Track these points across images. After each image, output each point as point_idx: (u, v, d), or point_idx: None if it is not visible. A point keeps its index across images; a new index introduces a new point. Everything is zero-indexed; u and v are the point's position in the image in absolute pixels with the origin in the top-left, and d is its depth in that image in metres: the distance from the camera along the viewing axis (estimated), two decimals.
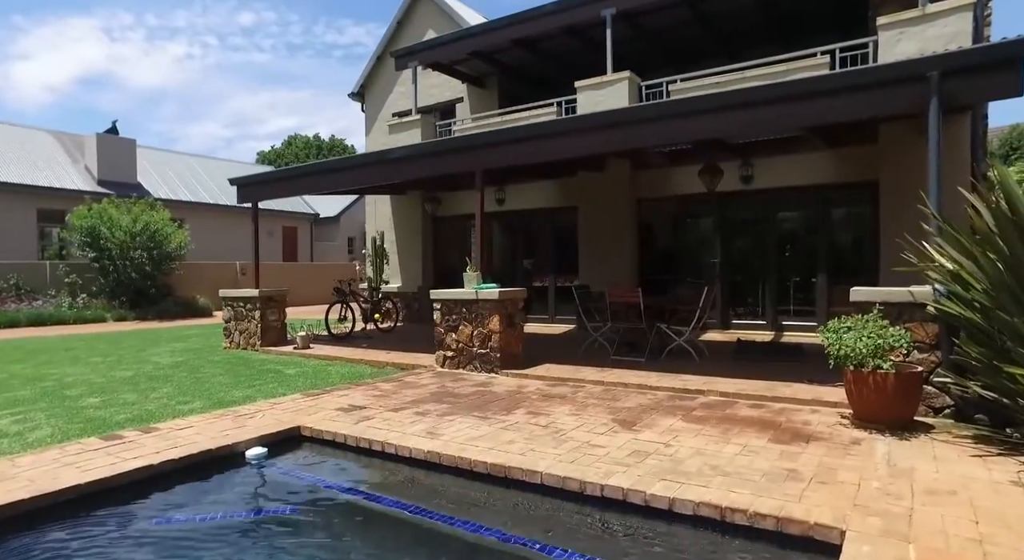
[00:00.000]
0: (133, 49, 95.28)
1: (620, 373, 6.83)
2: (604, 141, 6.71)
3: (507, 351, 7.31)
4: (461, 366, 7.54)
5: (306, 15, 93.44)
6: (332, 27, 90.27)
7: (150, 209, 18.90)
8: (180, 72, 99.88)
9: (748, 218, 10.44)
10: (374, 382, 6.86)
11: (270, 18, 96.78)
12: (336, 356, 8.77)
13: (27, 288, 17.89)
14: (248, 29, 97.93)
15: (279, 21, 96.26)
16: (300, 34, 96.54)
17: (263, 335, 9.88)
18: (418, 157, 8.20)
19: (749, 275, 10.33)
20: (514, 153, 7.43)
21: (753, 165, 9.66)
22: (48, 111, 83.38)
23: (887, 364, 4.28)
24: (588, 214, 11.13)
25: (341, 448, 4.61)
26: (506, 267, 12.95)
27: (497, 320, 7.21)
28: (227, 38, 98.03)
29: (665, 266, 10.94)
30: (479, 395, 6.04)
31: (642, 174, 10.75)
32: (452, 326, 7.63)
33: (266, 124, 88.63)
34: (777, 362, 7.28)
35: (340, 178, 9.12)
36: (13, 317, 15.33)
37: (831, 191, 9.31)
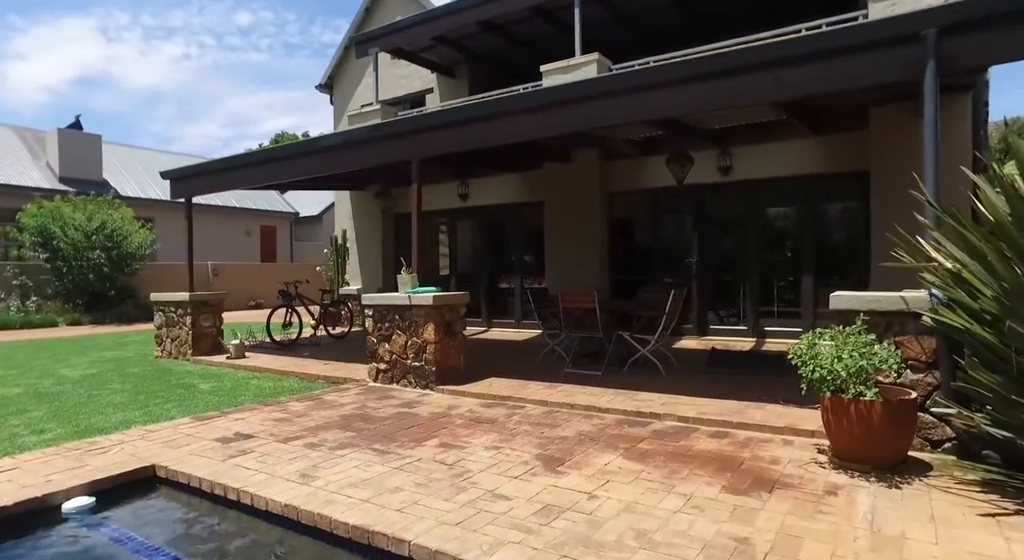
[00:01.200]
0: (129, 49, 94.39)
1: (570, 390, 5.93)
2: (549, 123, 5.80)
3: (444, 364, 6.41)
4: (395, 381, 6.63)
5: (303, 15, 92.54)
6: (329, 27, 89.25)
7: (108, 207, 17.96)
8: (177, 72, 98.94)
9: (727, 213, 9.55)
10: (287, 401, 5.95)
11: (267, 18, 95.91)
12: (267, 368, 7.86)
13: None
14: (245, 29, 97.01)
15: (276, 21, 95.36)
16: (297, 34, 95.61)
17: (195, 343, 8.96)
18: (352, 145, 7.29)
19: (729, 276, 9.43)
20: (452, 138, 6.52)
21: (732, 154, 8.76)
22: (44, 111, 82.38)
23: (871, 391, 3.38)
24: (554, 210, 10.23)
25: (197, 495, 3.70)
26: (471, 267, 12.04)
27: (432, 329, 6.30)
28: (224, 38, 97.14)
29: (640, 267, 10.04)
30: (397, 419, 5.13)
31: (612, 165, 9.84)
32: (385, 335, 6.72)
33: (264, 124, 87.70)
34: (753, 375, 6.39)
35: (271, 170, 8.20)
36: None
37: (818, 182, 8.42)
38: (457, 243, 12.16)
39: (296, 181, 10.70)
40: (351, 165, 7.45)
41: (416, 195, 6.79)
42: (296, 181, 10.70)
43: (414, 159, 6.76)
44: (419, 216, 6.84)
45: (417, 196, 6.79)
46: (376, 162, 7.24)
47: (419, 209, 6.83)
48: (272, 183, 9.17)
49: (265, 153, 8.02)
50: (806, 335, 3.83)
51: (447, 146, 6.60)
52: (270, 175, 8.27)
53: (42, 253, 17.02)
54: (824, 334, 3.77)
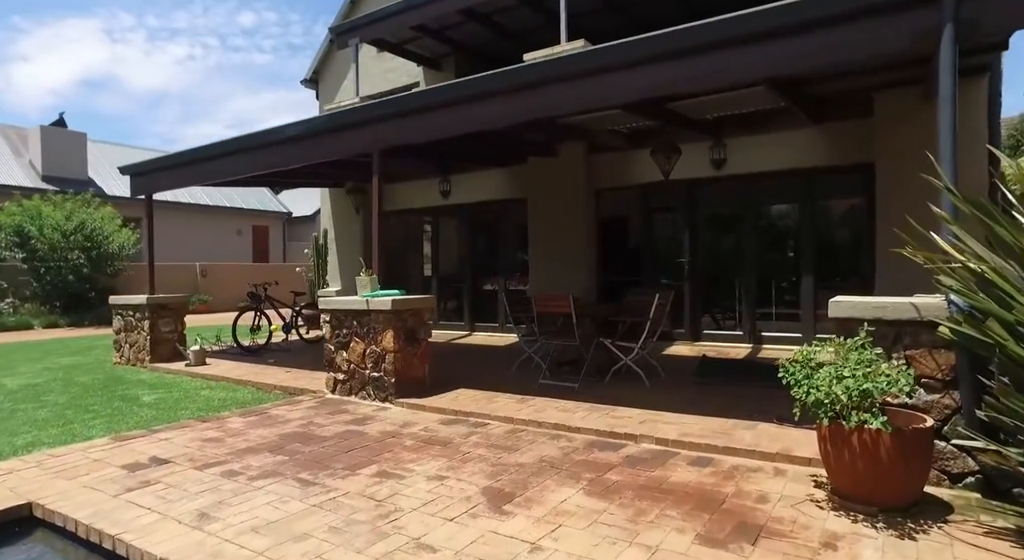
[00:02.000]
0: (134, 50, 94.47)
1: (541, 405, 5.34)
2: (517, 108, 5.21)
3: (406, 375, 5.82)
4: (353, 392, 6.05)
5: (307, 15, 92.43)
6: None
7: (87, 206, 17.44)
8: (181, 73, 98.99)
9: (721, 210, 8.94)
10: (228, 417, 5.37)
11: (271, 18, 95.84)
12: (224, 376, 7.28)
13: None
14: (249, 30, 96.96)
15: (280, 21, 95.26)
16: (301, 34, 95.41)
17: (153, 349, 8.40)
18: (312, 136, 6.71)
19: (724, 277, 8.83)
20: (413, 128, 5.94)
21: (726, 146, 8.15)
22: (50, 114, 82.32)
23: (878, 420, 2.78)
24: (538, 207, 9.63)
25: (74, 540, 3.12)
26: (454, 268, 11.45)
27: (391, 336, 5.72)
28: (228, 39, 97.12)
29: (629, 267, 9.44)
30: (340, 439, 4.55)
31: (599, 159, 9.24)
32: (343, 343, 6.14)
33: (267, 124, 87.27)
34: (747, 387, 5.78)
35: (231, 163, 7.62)
36: None
37: (818, 176, 7.80)
38: (439, 243, 11.58)
39: (268, 177, 10.14)
40: (311, 158, 6.87)
41: (375, 190, 6.21)
42: (268, 177, 10.14)
43: (375, 151, 6.18)
44: (379, 213, 6.26)
45: (377, 191, 6.21)
46: (337, 154, 6.66)
47: (379, 205, 6.25)
48: (239, 178, 8.59)
49: (222, 145, 7.47)
50: (800, 349, 3.23)
51: (409, 136, 6.02)
52: (232, 168, 7.69)
53: (19, 253, 16.53)
54: (820, 349, 3.17)
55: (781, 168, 7.87)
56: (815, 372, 3.03)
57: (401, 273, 11.92)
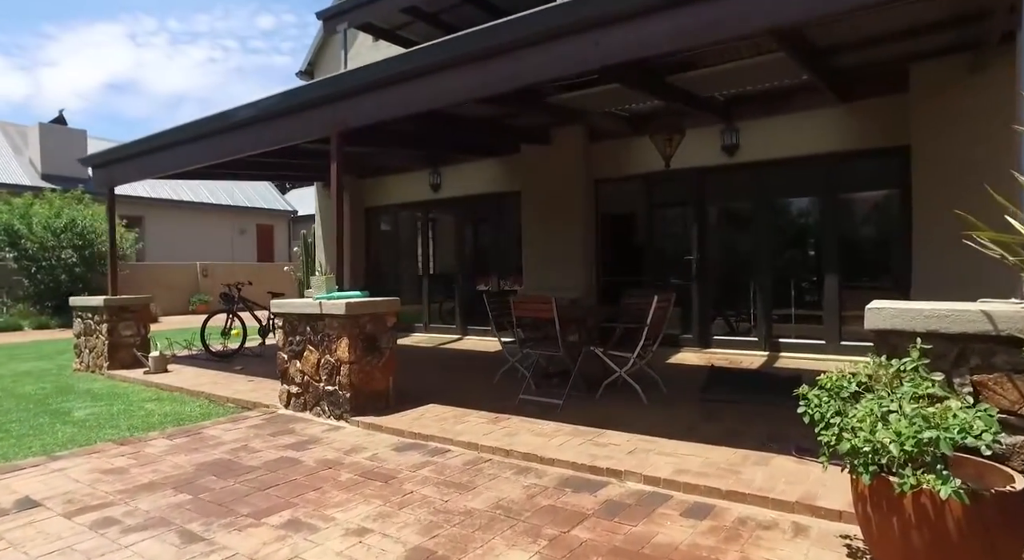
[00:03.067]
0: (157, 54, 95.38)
1: (516, 426, 4.54)
2: (489, 77, 4.41)
3: (365, 389, 5.06)
4: (308, 408, 5.30)
5: None
6: None
7: (78, 203, 16.98)
8: (203, 76, 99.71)
9: (733, 201, 8.06)
10: (155, 438, 4.64)
11: (290, 20, 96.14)
12: (179, 386, 6.58)
13: None
14: (268, 32, 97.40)
15: (298, 23, 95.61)
16: None
17: (111, 355, 7.73)
18: (266, 119, 5.97)
19: (736, 277, 7.95)
20: (375, 104, 5.17)
21: (738, 130, 7.27)
22: (77, 116, 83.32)
23: (948, 485, 1.93)
24: (532, 200, 8.82)
25: None
26: (446, 268, 10.68)
27: (346, 345, 4.96)
28: (248, 41, 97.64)
29: (632, 266, 8.60)
30: (268, 471, 3.79)
31: (598, 147, 8.41)
32: (296, 351, 5.40)
33: None
34: (761, 404, 4.93)
35: (190, 151, 6.91)
36: None
37: (845, 161, 6.89)
38: (430, 240, 10.82)
39: (244, 170, 9.44)
40: (264, 143, 6.12)
41: (334, 179, 5.46)
42: (244, 170, 9.44)
43: (332, 133, 5.43)
44: (340, 206, 5.50)
45: (336, 180, 5.45)
46: (292, 139, 5.91)
47: (339, 198, 5.50)
48: (200, 167, 7.80)
49: (175, 132, 6.76)
50: (829, 375, 2.40)
51: (370, 114, 5.26)
52: (189, 157, 6.97)
53: (9, 253, 16.14)
54: (855, 373, 2.34)
55: (802, 153, 6.97)
56: (849, 406, 2.20)
57: (393, 273, 11.19)
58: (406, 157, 9.79)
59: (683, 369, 6.76)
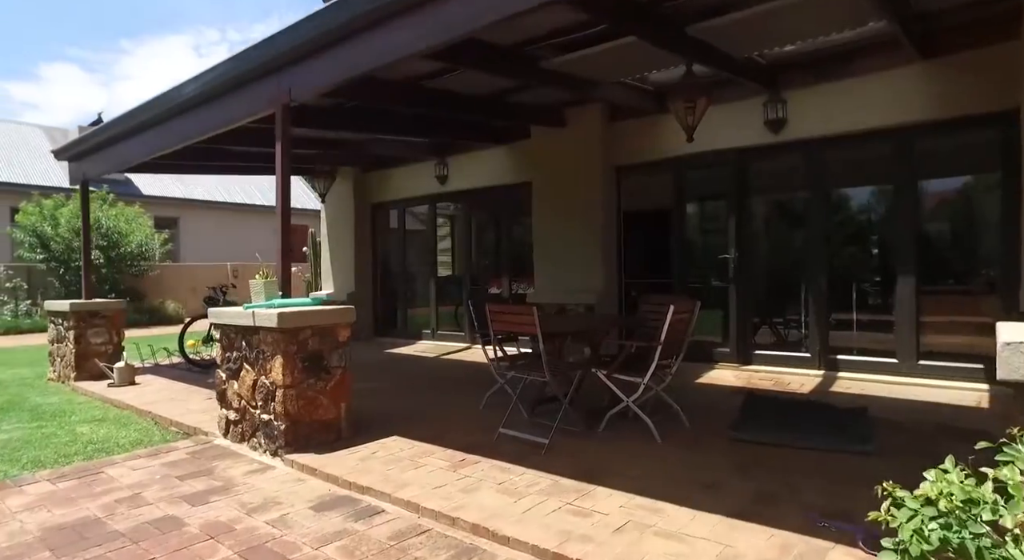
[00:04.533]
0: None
1: (480, 475, 3.50)
2: (432, 26, 3.37)
3: (306, 418, 4.11)
4: (245, 438, 4.39)
5: None
6: None
7: (103, 203, 16.87)
8: None
9: (780, 187, 6.76)
10: (29, 481, 3.81)
11: None
12: (130, 404, 5.82)
13: None
14: None
15: None
16: None
17: (78, 365, 7.08)
18: (215, 97, 5.09)
19: (783, 278, 6.67)
20: (327, 67, 4.21)
21: (786, 101, 5.99)
22: None
23: None
24: (544, 191, 7.71)
25: None
26: (454, 268, 9.69)
27: (280, 365, 4.01)
28: None
29: (659, 266, 7.39)
30: (131, 539, 2.86)
31: (620, 128, 7.24)
32: (233, 370, 4.49)
33: None
34: (811, 449, 3.72)
35: (151, 138, 6.12)
36: None
37: (924, 136, 5.52)
38: (437, 238, 9.84)
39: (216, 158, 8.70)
40: (214, 125, 5.25)
41: (280, 163, 4.51)
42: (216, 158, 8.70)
43: (278, 106, 4.50)
44: (286, 194, 4.56)
45: (281, 163, 4.51)
46: (238, 117, 5.01)
47: (286, 185, 4.55)
48: (162, 157, 6.87)
49: (126, 119, 6.00)
50: (934, 484, 1.25)
51: (320, 78, 4.30)
52: (147, 146, 6.20)
53: (40, 254, 16.20)
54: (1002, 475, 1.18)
55: (869, 127, 5.63)
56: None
57: (401, 274, 10.29)
58: (409, 147, 8.86)
59: (715, 392, 5.54)
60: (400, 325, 10.23)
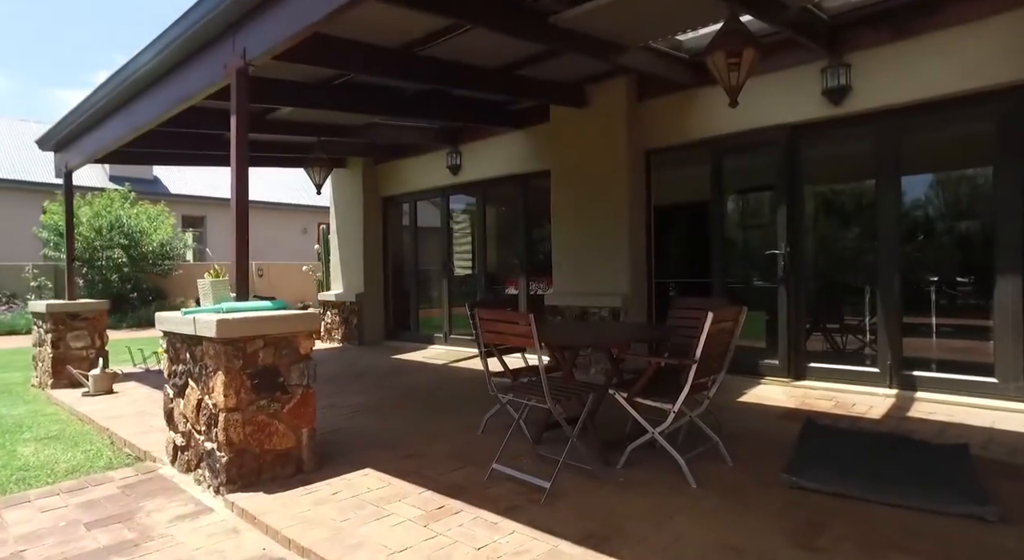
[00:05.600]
0: None
1: (457, 533, 2.68)
2: None
3: (256, 449, 3.36)
4: (191, 468, 3.67)
5: None
6: None
7: (123, 201, 16.69)
8: None
9: (841, 170, 5.77)
10: None
11: None
12: (91, 417, 5.20)
13: (7, 292, 16.32)
14: None
15: None
16: None
17: (55, 370, 6.55)
18: (170, 68, 4.41)
19: (843, 277, 5.67)
20: (281, 17, 3.46)
21: (850, 65, 4.99)
22: None
23: None
24: (564, 180, 6.84)
25: None
26: (469, 266, 8.90)
27: (222, 383, 3.27)
28: None
29: (695, 263, 6.47)
30: None
31: (650, 107, 6.32)
32: (179, 386, 3.79)
33: None
34: (903, 508, 2.78)
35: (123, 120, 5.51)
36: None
37: None
38: (451, 234, 9.06)
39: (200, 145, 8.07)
40: (176, 98, 4.55)
41: (236, 143, 3.78)
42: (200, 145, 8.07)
43: (232, 70, 3.77)
44: (241, 178, 3.83)
45: (237, 145, 3.78)
46: (195, 90, 4.29)
47: (242, 169, 3.82)
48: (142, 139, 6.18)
49: (94, 97, 5.40)
50: None
51: (275, 35, 3.54)
52: (124, 127, 5.53)
53: (63, 253, 16.15)
54: None
55: (957, 91, 4.60)
56: None
57: (413, 272, 9.55)
58: (418, 133, 8.11)
59: (761, 414, 4.59)
60: (413, 328, 9.50)
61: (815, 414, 4.46)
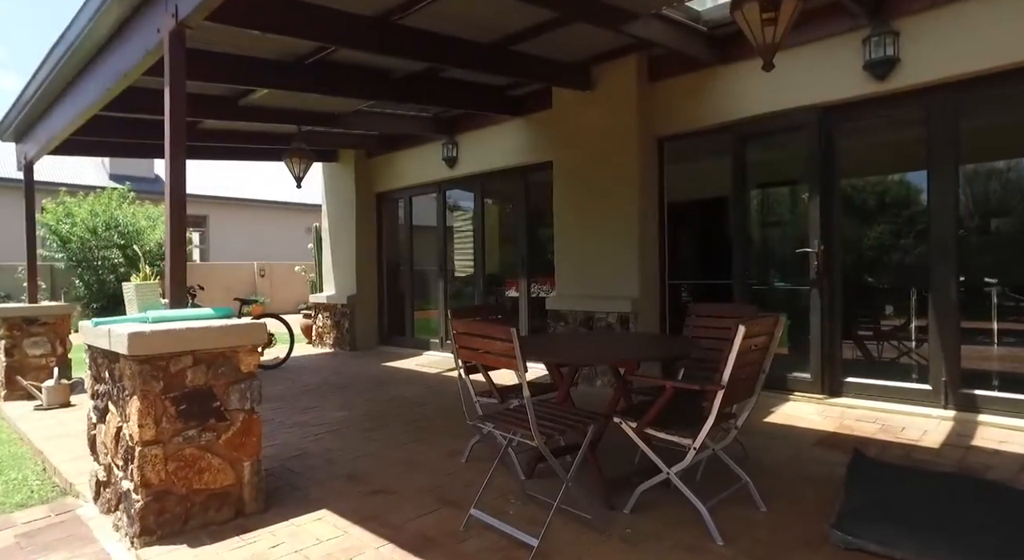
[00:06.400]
0: None
1: None
2: None
3: (181, 490, 2.75)
4: (112, 509, 3.07)
5: None
6: None
7: (122, 200, 16.26)
8: None
9: (885, 157, 5.08)
10: None
11: None
12: (31, 438, 4.62)
13: (3, 293, 15.96)
14: None
15: None
16: None
17: (8, 380, 6.01)
18: (108, 35, 3.82)
19: (886, 278, 4.97)
20: None
21: (898, 33, 4.30)
22: None
23: None
24: (567, 173, 6.19)
25: None
26: (468, 266, 8.27)
27: (137, 410, 2.66)
28: None
29: (714, 263, 5.80)
30: None
31: (662, 89, 5.65)
32: (101, 409, 3.19)
33: None
34: None
35: (56, 118, 4.95)
36: None
37: None
38: (450, 232, 8.43)
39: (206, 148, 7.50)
40: (117, 72, 3.95)
41: (170, 121, 3.17)
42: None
43: (165, 32, 3.16)
44: (177, 165, 3.21)
45: (172, 123, 3.17)
46: (133, 60, 3.69)
47: (176, 153, 3.21)
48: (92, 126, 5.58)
49: (39, 75, 4.82)
50: None
51: None
52: (73, 109, 4.95)
53: (58, 253, 15.79)
54: None
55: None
56: None
57: (408, 273, 8.94)
58: (411, 122, 7.49)
59: (794, 439, 3.91)
60: (408, 332, 8.89)
61: (859, 441, 3.78)
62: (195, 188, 24.41)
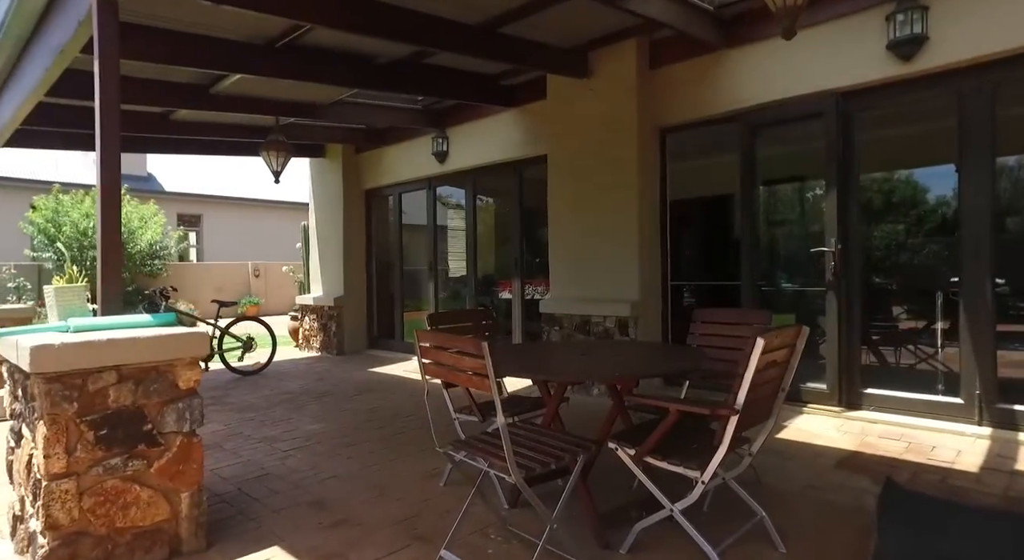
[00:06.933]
0: None
1: None
2: None
3: (100, 531, 2.34)
4: (25, 549, 2.66)
5: None
6: None
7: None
8: None
9: (910, 148, 4.66)
10: None
11: None
12: None
13: None
14: None
15: None
16: None
17: None
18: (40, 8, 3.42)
19: (911, 279, 4.55)
20: None
21: (927, 8, 3.87)
22: None
23: None
24: (562, 167, 5.77)
25: None
26: (458, 268, 7.85)
27: (43, 438, 2.26)
28: None
29: (721, 264, 5.38)
30: None
31: (664, 76, 5.23)
32: (17, 432, 2.78)
33: None
34: None
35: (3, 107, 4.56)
36: None
37: None
38: (442, 230, 8.01)
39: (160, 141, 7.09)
40: (52, 49, 3.55)
41: (101, 101, 2.76)
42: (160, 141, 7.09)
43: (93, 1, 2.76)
44: (110, 154, 2.80)
45: (101, 98, 2.76)
46: (69, 31, 3.28)
47: (109, 139, 2.80)
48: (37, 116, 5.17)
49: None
50: None
51: None
52: (21, 93, 4.56)
53: (45, 252, 15.42)
54: None
55: None
56: None
57: (399, 274, 8.53)
58: (399, 114, 7.08)
59: (812, 460, 3.49)
60: (397, 335, 8.48)
61: (885, 463, 3.36)
62: (190, 186, 24.11)
